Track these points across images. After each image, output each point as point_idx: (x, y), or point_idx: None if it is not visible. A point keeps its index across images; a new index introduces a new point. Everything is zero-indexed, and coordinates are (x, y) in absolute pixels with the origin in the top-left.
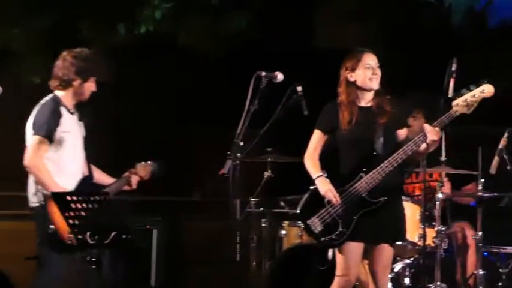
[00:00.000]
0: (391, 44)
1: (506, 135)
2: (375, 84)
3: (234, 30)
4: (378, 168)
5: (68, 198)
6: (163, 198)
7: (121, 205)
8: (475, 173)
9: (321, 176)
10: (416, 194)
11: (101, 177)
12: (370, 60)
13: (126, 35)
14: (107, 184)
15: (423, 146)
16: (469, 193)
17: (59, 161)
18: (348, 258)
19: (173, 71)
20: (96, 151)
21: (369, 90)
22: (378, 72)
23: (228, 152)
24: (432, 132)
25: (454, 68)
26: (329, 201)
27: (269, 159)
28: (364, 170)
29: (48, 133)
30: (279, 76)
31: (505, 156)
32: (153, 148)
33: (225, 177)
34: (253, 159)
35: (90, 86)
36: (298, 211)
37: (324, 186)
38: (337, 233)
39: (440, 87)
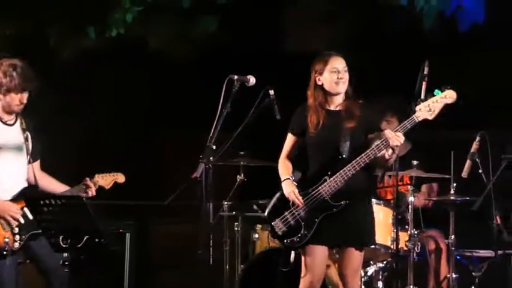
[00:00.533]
0: (362, 47)
1: (478, 138)
2: (341, 88)
3: (205, 34)
4: (341, 171)
5: (41, 202)
6: (136, 202)
7: (94, 209)
8: (447, 176)
9: (287, 179)
10: (388, 198)
11: (53, 185)
12: (337, 63)
13: (97, 39)
14: (58, 193)
15: (389, 151)
16: (443, 199)
17: None
18: (310, 261)
19: (144, 75)
20: (65, 155)
21: (335, 94)
22: (345, 76)
23: (201, 156)
24: (393, 138)
25: (426, 71)
26: (293, 204)
27: (242, 162)
28: (328, 173)
29: None
30: (252, 79)
31: (477, 159)
32: (125, 151)
33: (197, 181)
34: (225, 162)
35: (13, 99)
36: (265, 213)
37: (288, 188)
38: (299, 235)
39: (411, 91)
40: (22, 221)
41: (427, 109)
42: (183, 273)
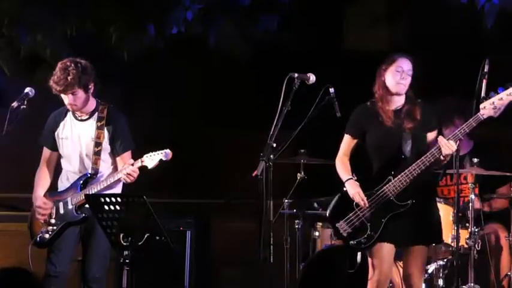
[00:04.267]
0: (421, 46)
1: None
2: (401, 89)
3: (265, 32)
4: (406, 171)
5: (102, 199)
6: (197, 200)
7: (155, 206)
8: (508, 174)
9: (350, 179)
10: (452, 196)
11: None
12: (403, 64)
13: (157, 36)
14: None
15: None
16: (502, 196)
17: (59, 163)
18: (378, 260)
19: (204, 73)
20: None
21: (395, 94)
22: (407, 79)
23: (261, 154)
24: (446, 146)
25: (486, 69)
26: (358, 204)
27: (302, 160)
28: (392, 173)
29: (42, 140)
30: (312, 77)
31: None
32: (185, 149)
33: (258, 179)
34: (286, 160)
35: (64, 99)
36: (327, 214)
37: (353, 189)
38: (365, 236)
39: (472, 89)
40: (44, 216)
41: (492, 106)
42: (243, 271)
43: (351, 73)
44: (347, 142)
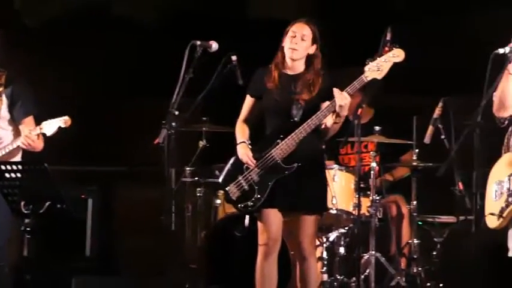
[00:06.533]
0: (327, 14)
1: (440, 104)
2: (293, 55)
3: None
4: (292, 134)
5: (2, 167)
6: (99, 167)
7: (56, 174)
8: (410, 142)
9: (243, 142)
10: (352, 165)
11: None
12: (297, 29)
13: (60, 3)
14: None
15: (334, 116)
16: (404, 164)
17: None
18: (265, 225)
19: (107, 39)
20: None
21: (290, 59)
22: (300, 44)
23: (163, 121)
24: (340, 97)
25: (388, 37)
26: (247, 168)
27: (204, 128)
28: (281, 136)
29: None
30: (214, 45)
31: (439, 125)
32: (87, 117)
33: (160, 147)
34: (188, 128)
35: None
36: (220, 179)
37: (242, 151)
38: (253, 199)
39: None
40: None
41: (376, 68)
42: (145, 239)
43: (255, 40)
44: (247, 103)
